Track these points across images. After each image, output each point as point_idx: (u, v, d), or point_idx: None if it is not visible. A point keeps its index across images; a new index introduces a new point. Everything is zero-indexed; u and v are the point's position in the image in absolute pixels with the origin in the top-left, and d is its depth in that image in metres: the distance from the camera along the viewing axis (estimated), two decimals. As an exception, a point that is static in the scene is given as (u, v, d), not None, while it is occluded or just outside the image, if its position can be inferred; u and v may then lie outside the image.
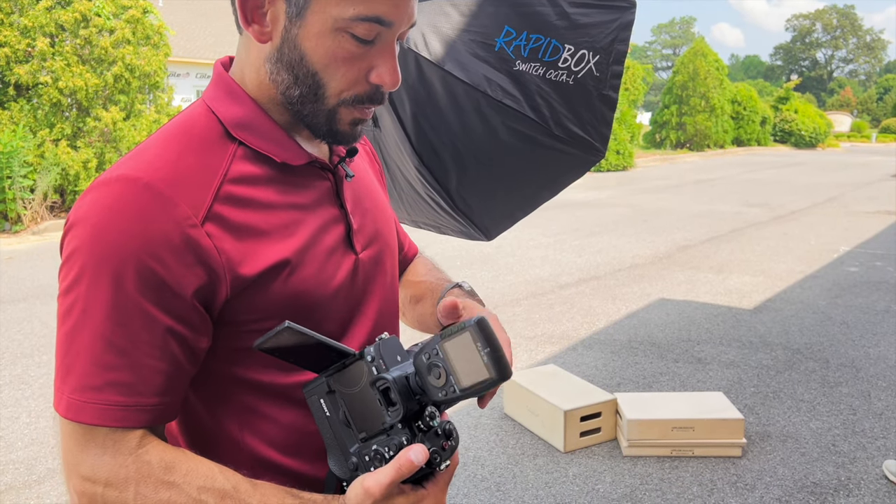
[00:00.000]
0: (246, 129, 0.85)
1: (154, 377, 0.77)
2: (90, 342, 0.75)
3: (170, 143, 0.82)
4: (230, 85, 0.87)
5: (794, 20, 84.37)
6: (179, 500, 0.75)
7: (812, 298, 6.17)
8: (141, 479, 0.75)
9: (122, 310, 0.75)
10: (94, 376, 0.75)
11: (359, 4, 0.78)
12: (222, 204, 0.80)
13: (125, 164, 0.79)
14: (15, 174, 9.44)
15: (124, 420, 0.76)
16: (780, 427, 3.67)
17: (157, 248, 0.75)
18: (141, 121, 10.90)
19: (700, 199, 13.28)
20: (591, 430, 3.48)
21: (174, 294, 0.77)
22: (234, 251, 0.80)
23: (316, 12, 0.79)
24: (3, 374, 4.41)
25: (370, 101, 0.86)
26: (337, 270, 0.90)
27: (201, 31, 25.67)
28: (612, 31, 2.03)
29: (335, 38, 0.80)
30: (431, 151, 2.08)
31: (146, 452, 0.77)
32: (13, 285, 6.68)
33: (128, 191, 0.76)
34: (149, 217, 0.75)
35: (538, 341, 5.04)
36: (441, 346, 0.73)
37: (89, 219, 0.76)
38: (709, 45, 29.19)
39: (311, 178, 0.90)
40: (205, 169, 0.81)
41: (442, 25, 1.94)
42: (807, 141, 32.63)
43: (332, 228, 0.90)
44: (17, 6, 10.16)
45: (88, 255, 0.75)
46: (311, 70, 0.82)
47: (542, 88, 2.01)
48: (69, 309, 0.76)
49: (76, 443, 0.76)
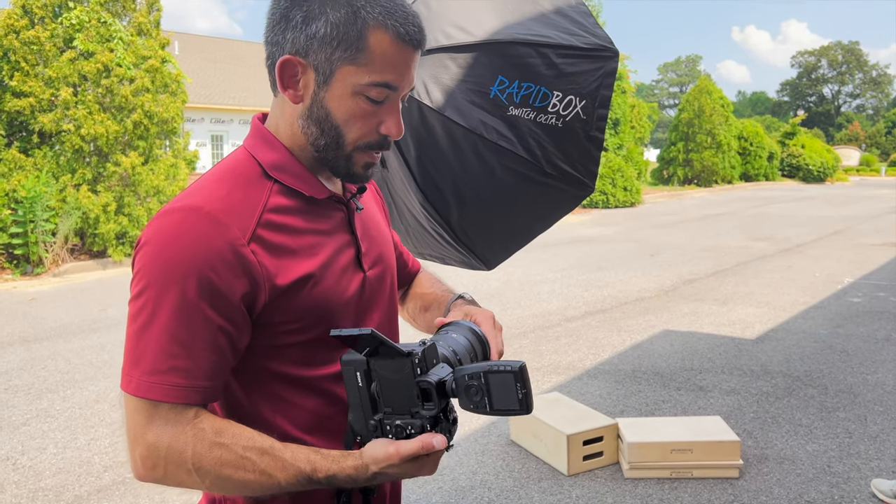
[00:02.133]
0: (280, 170, 1.07)
1: (206, 365, 0.97)
2: (158, 336, 0.95)
3: (221, 181, 1.04)
4: (266, 135, 1.10)
5: (800, 56, 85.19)
6: (228, 457, 0.95)
7: (814, 328, 6.30)
8: (197, 442, 0.95)
9: (186, 311, 0.95)
10: (161, 363, 0.95)
11: (373, 74, 1.01)
12: (263, 229, 1.01)
13: (186, 198, 1.01)
14: (38, 218, 9.77)
15: (184, 398, 0.95)
16: (777, 450, 3.79)
17: (215, 262, 0.96)
18: (159, 165, 11.25)
19: (706, 233, 13.45)
20: (593, 454, 3.62)
21: (226, 299, 0.97)
22: (271, 266, 1.01)
23: (339, 80, 1.02)
24: (30, 408, 4.60)
25: (379, 147, 1.09)
26: (349, 285, 1.11)
27: (214, 77, 26.35)
28: (597, 78, 2.25)
29: (354, 100, 1.03)
30: (434, 189, 2.29)
31: (200, 422, 0.96)
32: (36, 325, 6.91)
33: (192, 217, 0.97)
34: (208, 237, 0.96)
35: (544, 371, 5.19)
36: (486, 376, 0.94)
37: (159, 240, 0.97)
38: (714, 83, 29.64)
39: (330, 210, 1.12)
40: (249, 201, 1.02)
41: (442, 76, 2.16)
42: (815, 175, 32.82)
43: (345, 251, 1.12)
44: (41, 58, 10.60)
45: (158, 268, 0.95)
46: (334, 124, 1.05)
47: (533, 131, 2.22)
48: (139, 311, 0.96)
49: (143, 416, 0.96)
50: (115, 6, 11.22)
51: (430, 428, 0.96)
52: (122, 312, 7.35)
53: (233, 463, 0.95)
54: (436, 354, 1.00)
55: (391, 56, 1.02)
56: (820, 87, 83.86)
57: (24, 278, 9.65)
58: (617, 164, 20.18)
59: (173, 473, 0.96)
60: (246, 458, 0.95)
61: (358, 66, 1.01)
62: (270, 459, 0.95)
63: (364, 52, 1.00)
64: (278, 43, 1.04)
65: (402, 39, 1.02)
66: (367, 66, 1.01)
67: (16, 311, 7.63)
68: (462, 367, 0.98)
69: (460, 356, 1.06)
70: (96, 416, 4.43)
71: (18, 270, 9.79)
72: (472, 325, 1.16)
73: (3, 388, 5.00)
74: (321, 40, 1.01)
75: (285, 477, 0.96)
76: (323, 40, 1.01)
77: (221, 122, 25.15)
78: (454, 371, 0.97)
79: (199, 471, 0.95)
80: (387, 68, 1.02)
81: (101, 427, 4.26)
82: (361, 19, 1.00)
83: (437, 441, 0.94)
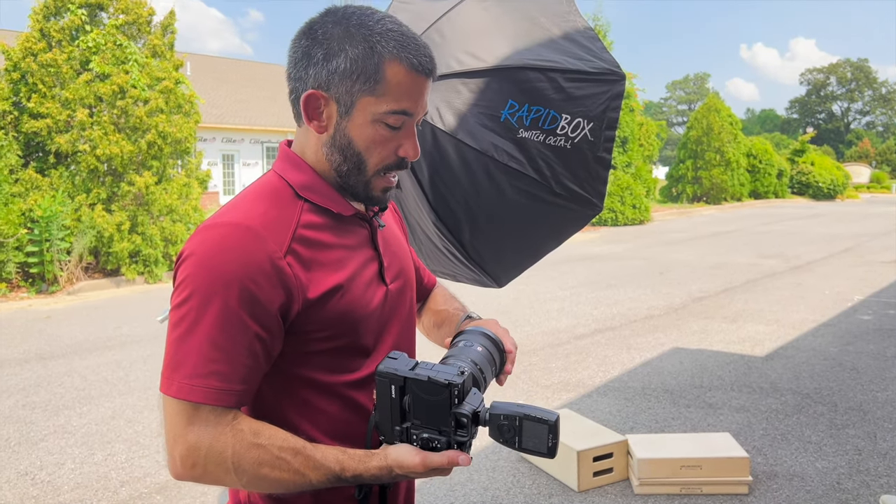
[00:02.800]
0: (309, 190, 1.16)
1: (242, 370, 1.04)
2: (200, 342, 1.02)
3: (257, 200, 1.12)
4: (294, 159, 1.19)
5: (809, 74, 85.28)
6: (265, 457, 1.02)
7: (824, 346, 6.31)
8: (237, 442, 1.02)
9: (227, 319, 1.02)
10: (202, 367, 1.02)
11: (391, 103, 1.10)
12: (297, 243, 1.09)
13: (225, 214, 1.09)
14: (53, 237, 9.91)
15: (223, 400, 1.02)
16: (786, 467, 3.81)
17: (255, 274, 1.03)
18: (172, 184, 11.40)
19: (716, 251, 13.46)
20: (603, 470, 3.65)
21: (264, 309, 1.04)
22: (304, 278, 1.08)
23: (359, 110, 1.11)
24: (48, 424, 4.67)
25: (397, 169, 1.17)
26: (373, 297, 1.19)
27: (226, 97, 26.62)
28: (604, 101, 2.32)
29: (374, 127, 1.12)
30: (446, 208, 2.36)
31: (238, 423, 1.03)
32: (52, 342, 7.01)
33: (235, 231, 1.05)
34: (250, 250, 1.04)
35: (554, 389, 5.22)
36: (522, 421, 1.02)
37: (202, 252, 1.04)
38: (722, 101, 29.73)
39: (355, 227, 1.20)
40: (284, 218, 1.10)
41: (454, 101, 2.24)
42: (825, 192, 32.75)
43: (369, 265, 1.20)
44: (59, 80, 10.79)
45: (202, 278, 1.02)
46: (356, 150, 1.13)
47: (542, 152, 2.29)
48: (181, 319, 1.03)
49: (184, 417, 1.02)
50: (131, 29, 11.43)
51: (456, 447, 1.04)
52: (135, 330, 7.45)
53: (269, 462, 1.02)
54: (471, 382, 1.08)
55: (406, 85, 1.10)
56: (829, 104, 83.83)
57: (40, 296, 9.77)
58: (626, 182, 20.24)
59: (212, 472, 1.03)
60: (281, 458, 1.02)
61: (376, 96, 1.10)
62: (303, 459, 1.03)
63: (381, 84, 1.09)
64: (301, 79, 1.13)
65: (416, 69, 1.11)
66: (385, 96, 1.10)
67: (32, 328, 7.73)
68: (498, 405, 1.04)
69: (482, 367, 1.14)
70: (112, 433, 4.50)
71: (34, 288, 9.91)
72: (483, 329, 1.23)
73: (22, 404, 5.08)
74: (342, 75, 1.10)
75: (316, 476, 1.03)
76: (343, 74, 1.09)
77: (232, 142, 25.39)
78: (491, 407, 1.04)
79: (237, 470, 1.02)
80: (402, 97, 1.11)
81: (117, 443, 4.33)
82: (378, 53, 1.09)
83: (463, 459, 1.03)
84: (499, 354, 1.21)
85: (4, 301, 9.40)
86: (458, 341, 1.20)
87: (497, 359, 1.20)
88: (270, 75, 31.39)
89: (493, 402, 1.06)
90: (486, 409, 1.04)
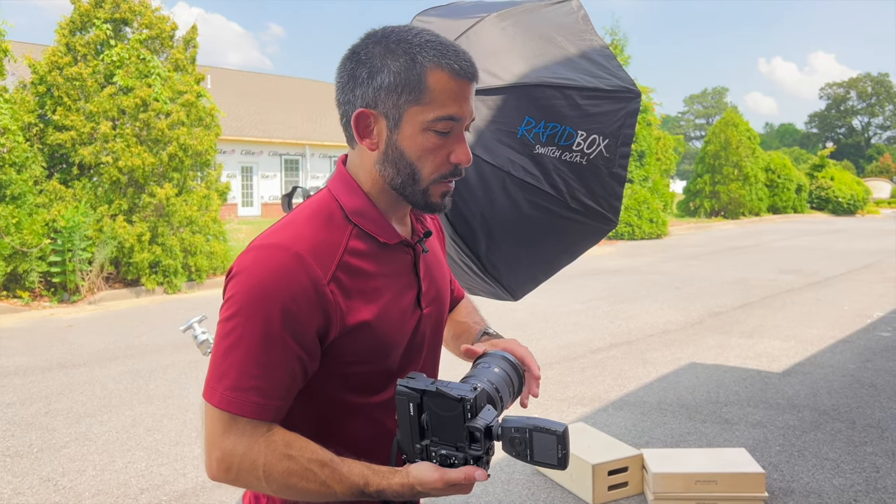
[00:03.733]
0: (360, 216, 1.19)
1: (280, 387, 1.09)
2: (243, 357, 1.07)
3: (309, 221, 1.16)
4: (349, 181, 1.21)
5: (828, 88, 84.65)
6: (295, 467, 1.06)
7: (842, 362, 6.26)
8: (269, 453, 1.06)
9: (269, 337, 1.06)
10: (243, 381, 1.06)
11: (438, 110, 1.12)
12: (341, 271, 1.13)
13: (276, 234, 1.13)
14: (76, 247, 10.07)
15: (260, 414, 1.07)
16: (803, 483, 3.79)
17: (298, 297, 1.07)
18: (192, 196, 11.54)
19: (733, 266, 13.38)
20: (618, 484, 3.66)
21: (304, 330, 1.08)
22: (344, 305, 1.12)
23: (408, 121, 1.13)
24: (69, 432, 4.75)
25: (453, 176, 1.19)
26: (407, 323, 1.22)
27: (245, 110, 26.93)
28: (620, 118, 2.36)
29: (423, 136, 1.14)
30: (463, 222, 2.40)
31: (273, 434, 1.08)
32: (74, 351, 7.11)
33: (282, 255, 1.09)
34: (295, 274, 1.08)
35: (569, 403, 5.23)
36: (531, 433, 1.04)
37: (251, 272, 1.08)
38: (740, 115, 29.61)
39: (398, 253, 1.23)
40: (331, 243, 1.14)
41: (471, 117, 2.29)
42: (845, 208, 32.45)
43: (408, 291, 1.23)
44: (83, 93, 11.00)
45: (248, 297, 1.07)
46: (409, 162, 1.15)
47: (558, 168, 2.33)
48: (228, 333, 1.08)
49: (222, 426, 1.07)
50: (154, 43, 11.63)
51: (472, 462, 1.06)
52: (155, 340, 7.54)
53: (298, 473, 1.06)
54: (485, 398, 1.10)
55: (450, 91, 1.13)
56: (849, 118, 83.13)
57: (62, 305, 9.92)
58: (642, 196, 20.19)
59: (244, 478, 1.08)
60: (309, 470, 1.06)
61: (422, 105, 1.12)
62: (330, 472, 1.07)
63: (426, 92, 1.12)
64: (350, 101, 1.17)
65: (458, 74, 1.13)
66: (431, 104, 1.12)
67: (54, 337, 7.85)
68: (509, 419, 1.06)
69: (498, 386, 1.16)
70: (132, 440, 4.57)
71: (56, 298, 10.06)
72: (504, 353, 1.25)
73: (44, 411, 5.17)
74: (387, 89, 1.13)
75: (341, 488, 1.07)
76: (388, 89, 1.13)
77: (251, 154, 25.67)
78: (503, 421, 1.06)
79: (268, 478, 1.07)
80: (448, 102, 1.13)
81: (137, 451, 4.39)
82: (419, 64, 1.12)
83: (479, 475, 1.05)
84: (517, 377, 1.23)
85: (28, 310, 9.55)
86: (478, 363, 1.23)
87: (516, 381, 1.22)
88: (289, 89, 31.74)
89: (504, 415, 1.09)
90: (498, 424, 1.06)
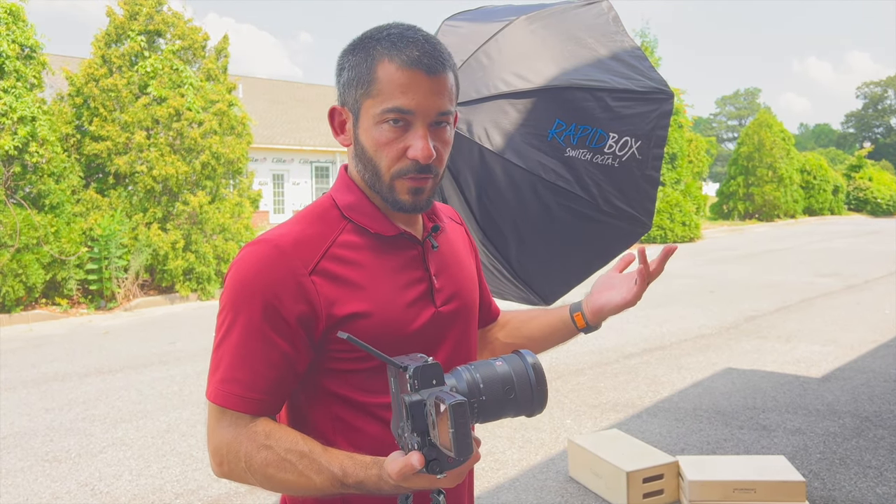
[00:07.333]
0: (353, 210, 1.20)
1: (261, 380, 1.09)
2: (229, 350, 1.10)
3: (301, 219, 1.18)
4: (346, 181, 1.23)
5: (865, 87, 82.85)
6: (272, 458, 1.06)
7: (884, 367, 6.10)
8: (249, 444, 1.07)
9: (251, 330, 1.09)
10: (228, 374, 1.09)
11: (385, 101, 1.11)
12: (328, 261, 1.13)
13: (268, 232, 1.15)
14: (112, 255, 10.25)
15: (242, 407, 1.09)
16: (845, 492, 3.69)
17: (277, 289, 1.08)
18: (224, 203, 11.69)
19: (769, 269, 13.14)
20: (653, 492, 3.59)
21: (285, 322, 1.09)
22: (332, 295, 1.11)
23: (363, 115, 1.14)
24: (106, 437, 4.82)
25: (416, 172, 1.13)
26: (415, 319, 1.18)
27: (276, 118, 27.22)
28: (653, 119, 2.32)
29: (377, 129, 1.13)
30: (493, 227, 2.38)
31: (255, 426, 1.09)
32: (111, 357, 7.23)
33: (263, 249, 1.11)
34: (272, 267, 1.09)
35: (603, 409, 5.17)
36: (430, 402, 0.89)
37: (237, 267, 1.12)
38: (774, 116, 29.16)
39: (402, 248, 1.21)
40: (320, 236, 1.15)
41: (501, 121, 2.27)
42: (884, 209, 31.73)
43: (415, 286, 1.20)
44: (118, 104, 11.21)
45: (234, 292, 1.10)
46: (369, 156, 1.15)
47: (590, 171, 2.30)
48: (218, 327, 1.12)
49: (214, 418, 1.11)
50: (187, 54, 11.83)
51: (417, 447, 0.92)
52: (189, 346, 7.63)
53: (275, 463, 1.06)
54: (437, 374, 0.93)
55: (397, 82, 1.10)
56: (887, 117, 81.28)
57: (98, 312, 10.11)
58: (675, 199, 19.96)
59: (235, 471, 1.09)
60: (286, 460, 1.06)
61: (373, 98, 1.12)
62: (308, 462, 1.05)
63: (375, 84, 1.12)
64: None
65: (407, 65, 1.10)
66: (379, 96, 1.11)
67: (91, 343, 8.00)
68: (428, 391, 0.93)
69: (485, 384, 0.97)
70: (167, 446, 4.62)
71: (93, 305, 10.26)
72: (530, 356, 1.01)
73: (82, 417, 5.25)
74: (347, 84, 1.16)
75: (320, 479, 1.04)
76: (348, 84, 1.16)
77: (283, 162, 25.92)
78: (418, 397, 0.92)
79: (250, 470, 1.07)
80: (395, 93, 1.10)
81: (172, 456, 4.44)
82: (371, 57, 1.13)
83: (415, 460, 0.91)
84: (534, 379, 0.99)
85: (66, 317, 9.75)
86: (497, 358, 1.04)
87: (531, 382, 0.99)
88: (319, 97, 32.00)
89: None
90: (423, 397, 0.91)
